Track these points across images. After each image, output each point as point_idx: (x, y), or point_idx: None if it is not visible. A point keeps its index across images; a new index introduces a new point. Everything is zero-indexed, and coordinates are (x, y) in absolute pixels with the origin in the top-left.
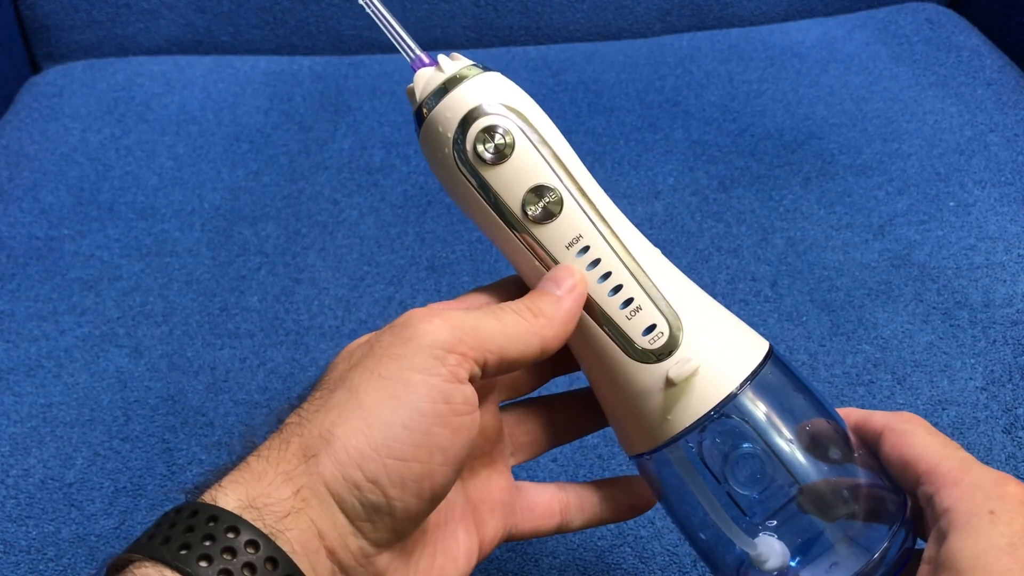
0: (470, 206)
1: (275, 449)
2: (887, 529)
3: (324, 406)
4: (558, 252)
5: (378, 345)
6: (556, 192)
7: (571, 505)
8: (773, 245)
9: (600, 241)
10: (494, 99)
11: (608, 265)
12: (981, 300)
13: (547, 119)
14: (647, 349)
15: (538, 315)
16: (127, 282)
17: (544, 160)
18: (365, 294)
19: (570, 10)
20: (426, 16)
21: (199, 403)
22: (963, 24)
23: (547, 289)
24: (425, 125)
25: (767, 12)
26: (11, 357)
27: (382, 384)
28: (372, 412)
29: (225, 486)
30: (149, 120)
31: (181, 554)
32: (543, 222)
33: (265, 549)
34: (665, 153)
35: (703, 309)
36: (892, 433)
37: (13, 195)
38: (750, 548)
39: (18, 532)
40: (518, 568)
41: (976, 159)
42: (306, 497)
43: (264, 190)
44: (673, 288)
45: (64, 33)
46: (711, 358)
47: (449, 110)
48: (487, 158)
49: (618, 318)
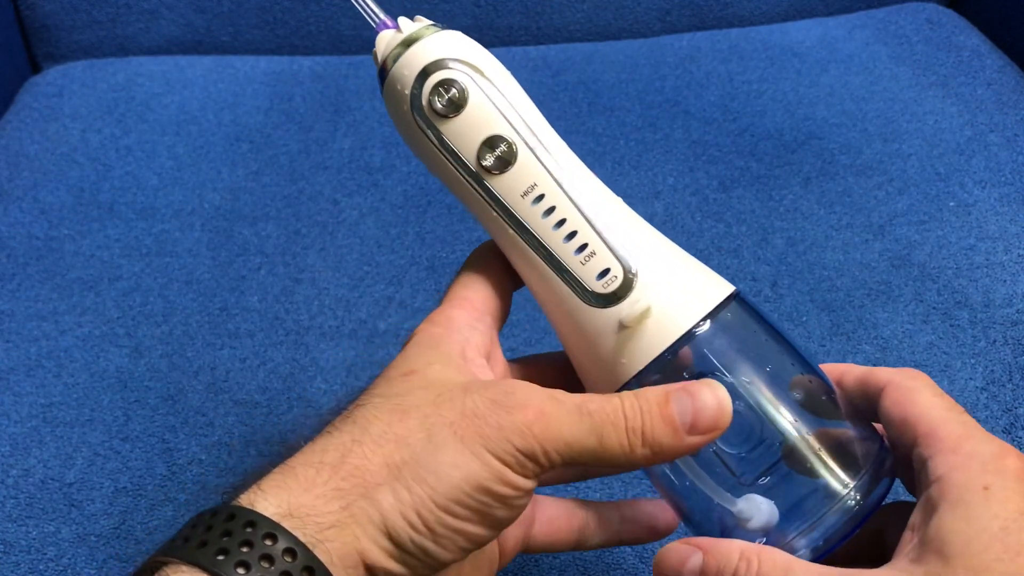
0: (431, 161)
1: (329, 463)
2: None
3: (393, 435)
4: (513, 202)
5: (472, 405)
6: (510, 142)
7: (590, 523)
8: (773, 245)
9: (555, 188)
10: (449, 54)
11: (563, 212)
12: (981, 300)
13: (504, 73)
14: (601, 293)
15: (647, 445)
16: (127, 282)
17: (498, 111)
18: (365, 294)
19: (570, 10)
20: (426, 16)
21: (199, 403)
22: (963, 24)
23: (680, 411)
24: (386, 84)
25: (767, 12)
26: (11, 357)
27: (461, 450)
28: (444, 472)
29: (266, 490)
30: (149, 120)
31: (218, 559)
32: (498, 172)
33: (303, 558)
34: (665, 153)
35: (661, 254)
36: (896, 389)
37: (13, 195)
38: (730, 505)
39: (18, 532)
40: (518, 568)
41: (976, 159)
42: (355, 514)
43: (264, 190)
44: (630, 233)
45: (64, 33)
46: (665, 299)
47: (406, 67)
48: (441, 111)
49: (572, 264)
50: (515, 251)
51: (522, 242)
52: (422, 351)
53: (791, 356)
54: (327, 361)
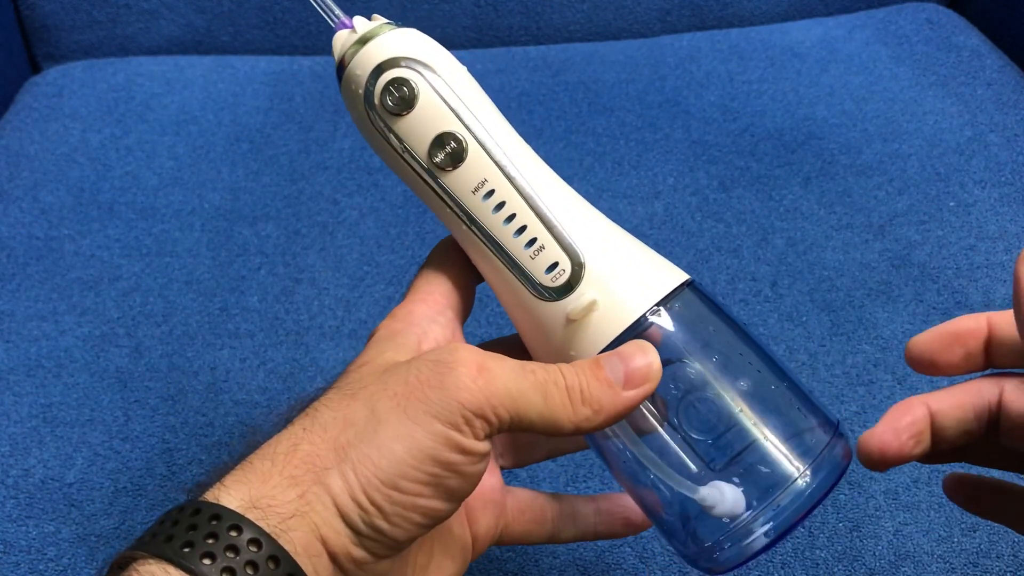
0: (387, 158)
1: (282, 453)
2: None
3: (341, 417)
4: (465, 197)
5: (414, 374)
6: (460, 138)
7: (563, 514)
8: (773, 245)
9: (505, 183)
10: (401, 52)
11: (513, 207)
12: (981, 300)
13: (458, 69)
14: (551, 287)
15: (586, 403)
16: (127, 282)
17: (449, 108)
18: (365, 294)
19: (570, 10)
20: (426, 16)
21: (199, 403)
22: (963, 24)
23: (611, 370)
24: (342, 82)
25: (767, 12)
26: (11, 357)
27: (402, 420)
28: (387, 446)
29: (228, 485)
30: (149, 120)
31: (184, 551)
32: (448, 169)
33: (267, 547)
34: (665, 153)
35: (612, 245)
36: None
37: (13, 195)
38: (691, 493)
39: (18, 532)
40: (518, 568)
41: (976, 159)
42: (311, 502)
43: (264, 190)
44: (581, 225)
45: (64, 33)
46: (612, 291)
47: (359, 67)
48: (392, 108)
49: (522, 258)
50: (471, 246)
51: (475, 237)
52: (378, 345)
53: (745, 344)
54: (327, 361)
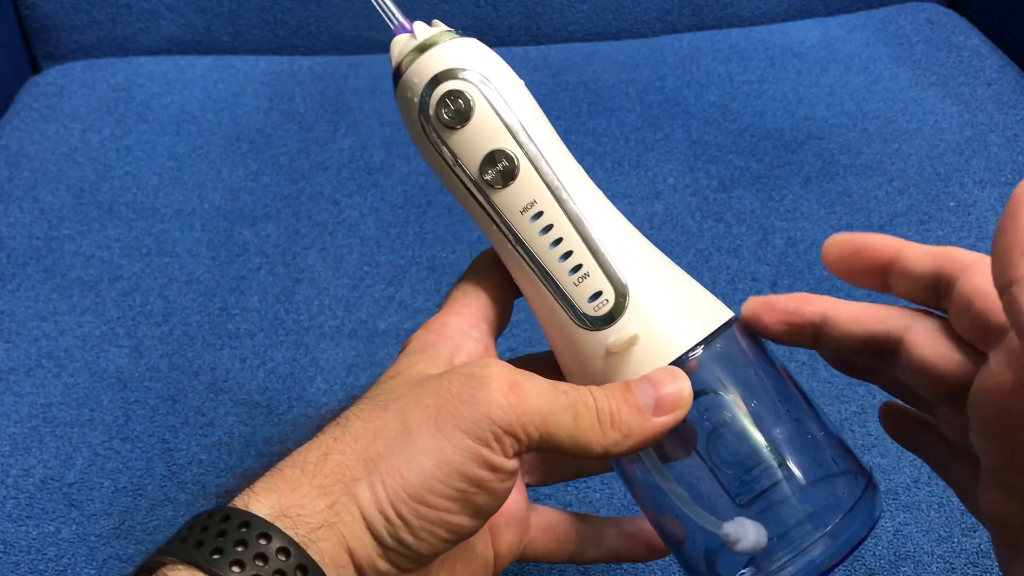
0: (437, 168)
1: (312, 461)
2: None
3: (371, 428)
4: (513, 217)
5: (446, 387)
6: (513, 157)
7: (586, 536)
8: (773, 245)
9: (554, 206)
10: (459, 64)
11: (560, 231)
12: None
13: (516, 84)
14: (592, 316)
15: (616, 427)
16: (127, 282)
17: (504, 124)
18: (365, 294)
19: (570, 10)
20: (426, 16)
21: (199, 403)
22: (963, 24)
23: (642, 395)
24: (398, 89)
25: (767, 12)
26: (11, 357)
27: (433, 435)
28: (416, 460)
29: (258, 492)
30: (149, 120)
31: (214, 558)
32: (499, 187)
33: (296, 557)
34: (665, 153)
35: (658, 277)
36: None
37: (13, 195)
38: (715, 528)
39: (18, 532)
40: (518, 568)
41: (976, 159)
42: (339, 512)
43: (264, 190)
44: (628, 255)
45: (64, 33)
46: (654, 326)
47: (416, 75)
48: (447, 121)
49: (566, 284)
50: (514, 265)
51: (519, 257)
52: (411, 356)
53: (783, 387)
54: (327, 361)
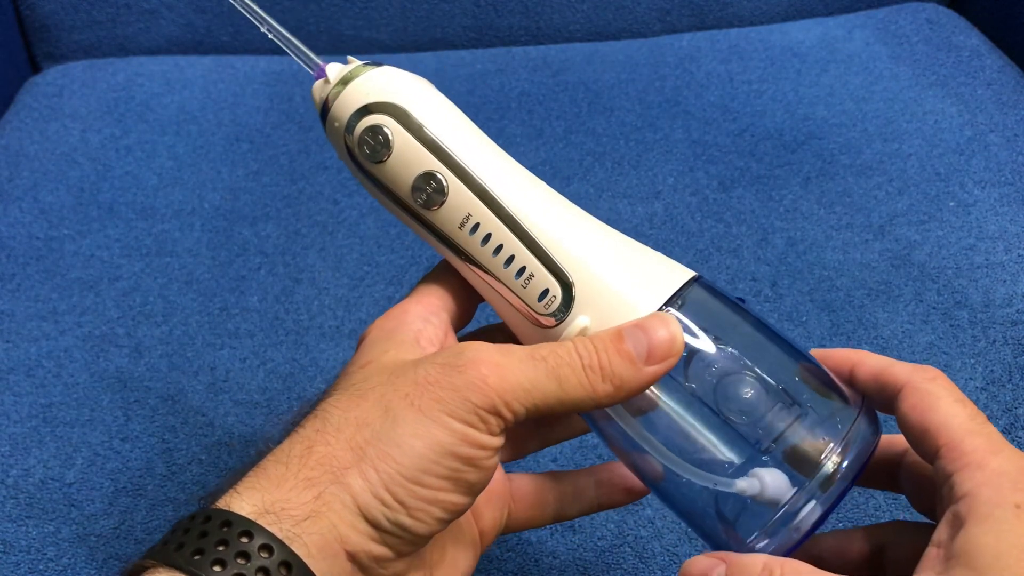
0: (378, 199)
1: (296, 455)
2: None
3: (353, 418)
4: (452, 233)
5: (423, 375)
6: (439, 178)
7: (565, 493)
8: (773, 245)
9: (488, 215)
10: (372, 99)
11: (499, 238)
12: (981, 300)
13: (434, 101)
14: (545, 314)
15: (607, 379)
16: (127, 282)
17: (425, 149)
18: (365, 294)
19: (570, 10)
20: (426, 16)
21: (199, 403)
22: (963, 24)
23: (634, 343)
24: (326, 132)
25: (767, 12)
26: (11, 357)
27: (419, 418)
28: (406, 443)
29: (241, 492)
30: (149, 120)
31: (195, 559)
32: (433, 208)
33: (279, 553)
34: (665, 153)
35: (604, 259)
36: (914, 392)
37: (13, 195)
38: (727, 488)
39: (18, 532)
40: (518, 568)
41: (976, 159)
42: (328, 501)
43: (264, 190)
44: (570, 247)
45: (64, 33)
46: (604, 312)
47: (335, 119)
48: (370, 157)
49: (515, 287)
50: (468, 275)
51: (469, 268)
52: (376, 343)
53: (760, 329)
54: (327, 361)
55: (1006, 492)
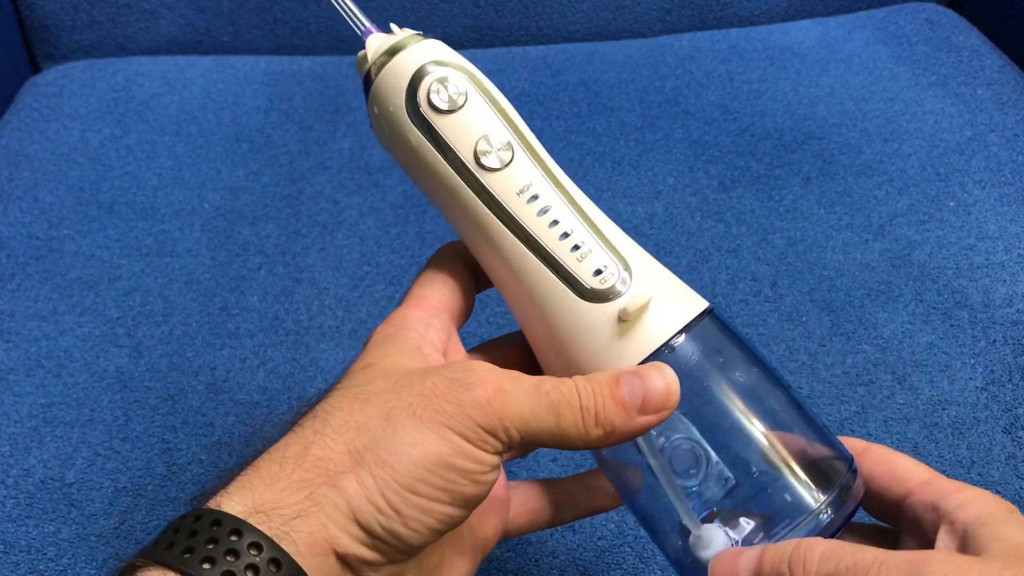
0: (419, 160)
1: (292, 456)
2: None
3: (353, 422)
4: (509, 199)
5: (429, 386)
6: (507, 142)
7: (561, 500)
8: (773, 245)
9: (549, 189)
10: (444, 57)
11: (556, 213)
12: (981, 300)
13: (490, 81)
14: (598, 289)
15: (599, 424)
16: (127, 282)
17: (494, 111)
18: (365, 294)
19: (570, 10)
20: (426, 16)
21: (199, 403)
22: (963, 24)
23: (630, 392)
24: (378, 81)
25: (767, 12)
26: (11, 357)
27: (420, 428)
28: (405, 451)
29: (232, 492)
30: (149, 120)
31: (184, 557)
32: (494, 170)
33: (268, 551)
34: (665, 153)
35: (646, 257)
36: (878, 451)
37: (13, 195)
38: (694, 528)
39: (18, 532)
40: (518, 568)
41: (976, 159)
42: (319, 502)
43: (264, 190)
44: (617, 236)
45: (64, 33)
46: (662, 295)
47: (404, 65)
48: (441, 107)
49: (568, 261)
50: (499, 250)
51: (512, 240)
52: (379, 346)
53: (767, 370)
54: (327, 361)
55: (995, 505)
